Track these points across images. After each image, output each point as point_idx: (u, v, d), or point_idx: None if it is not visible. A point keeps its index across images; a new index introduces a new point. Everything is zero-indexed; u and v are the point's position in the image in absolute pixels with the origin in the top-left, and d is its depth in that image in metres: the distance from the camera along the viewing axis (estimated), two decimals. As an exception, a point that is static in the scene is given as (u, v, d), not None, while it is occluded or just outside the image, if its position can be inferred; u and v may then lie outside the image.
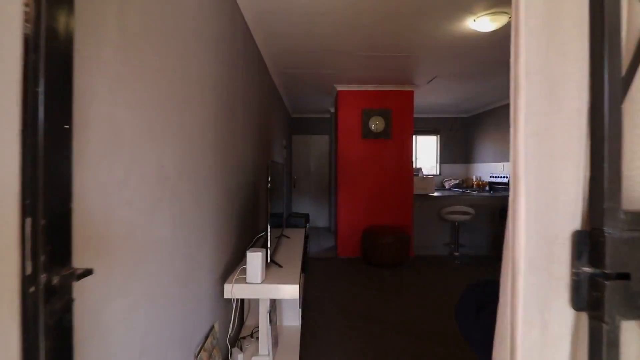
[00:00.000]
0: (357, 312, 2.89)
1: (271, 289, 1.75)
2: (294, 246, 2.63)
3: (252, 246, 2.38)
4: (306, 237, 3.71)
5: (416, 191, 4.93)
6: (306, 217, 3.80)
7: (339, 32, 2.87)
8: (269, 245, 1.96)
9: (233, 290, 1.73)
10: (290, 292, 1.75)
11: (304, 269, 3.65)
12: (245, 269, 1.78)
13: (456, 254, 4.70)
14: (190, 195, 1.40)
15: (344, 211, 4.77)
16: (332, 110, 6.40)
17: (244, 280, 1.77)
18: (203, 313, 1.59)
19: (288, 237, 2.91)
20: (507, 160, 5.63)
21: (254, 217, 2.80)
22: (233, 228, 2.11)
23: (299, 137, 7.12)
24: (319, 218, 7.17)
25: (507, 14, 2.44)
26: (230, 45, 2.05)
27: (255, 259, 1.75)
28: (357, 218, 4.78)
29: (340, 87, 4.69)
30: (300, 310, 2.47)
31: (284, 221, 4.62)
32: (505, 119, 5.72)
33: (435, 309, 2.96)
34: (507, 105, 4.76)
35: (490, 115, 6.25)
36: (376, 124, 4.71)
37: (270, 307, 1.94)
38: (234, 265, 2.13)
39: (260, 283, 1.75)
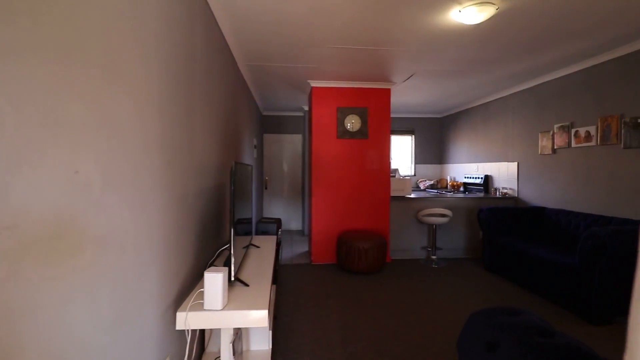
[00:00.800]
0: (334, 329, 2.64)
1: (234, 317, 1.46)
2: (263, 257, 2.33)
3: (214, 262, 2.07)
4: (278, 245, 3.42)
5: (393, 193, 4.76)
6: (278, 222, 3.51)
7: (314, 21, 2.61)
8: (233, 261, 1.67)
9: (187, 320, 1.42)
10: (257, 319, 1.46)
11: (275, 279, 3.36)
12: (203, 292, 1.48)
13: (434, 257, 4.58)
14: (125, 207, 1.09)
15: (319, 215, 4.52)
16: (306, 108, 6.13)
17: (201, 307, 1.46)
18: (147, 351, 1.28)
19: (257, 247, 2.61)
20: (482, 161, 5.61)
21: (219, 226, 2.48)
22: (190, 242, 1.79)
23: (271, 136, 6.79)
24: (292, 220, 6.88)
25: (494, 4, 2.28)
26: (187, 26, 1.73)
27: (214, 282, 1.45)
28: (332, 222, 4.54)
29: (314, 83, 4.43)
30: (271, 332, 2.18)
31: (254, 228, 4.32)
32: (480, 120, 5.69)
33: (417, 321, 2.76)
34: (482, 106, 4.70)
35: (464, 116, 6.22)
36: (352, 123, 4.49)
37: (234, 335, 1.64)
38: (192, 285, 1.81)
39: (221, 309, 1.46)
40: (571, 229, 3.62)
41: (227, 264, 1.77)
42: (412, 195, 4.91)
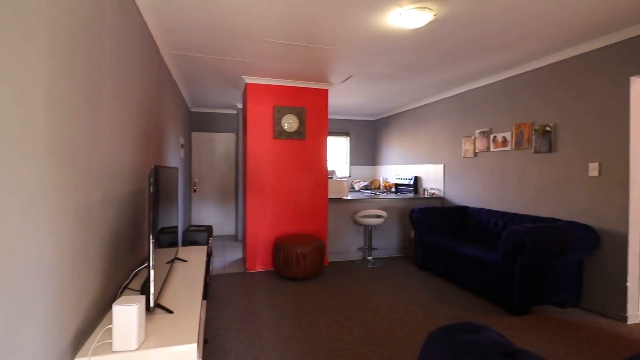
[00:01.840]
0: (272, 345, 2.44)
1: (155, 357, 1.18)
2: (192, 273, 2.04)
3: (128, 285, 1.73)
4: (209, 256, 3.11)
5: (330, 195, 4.71)
6: (209, 229, 3.18)
7: (249, 11, 2.38)
8: (152, 286, 1.38)
9: (89, 368, 1.11)
10: (184, 355, 1.21)
11: (205, 294, 3.04)
12: (111, 329, 1.18)
13: (370, 258, 4.64)
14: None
15: (254, 219, 4.25)
16: (240, 105, 5.79)
17: (110, 349, 1.16)
18: None
19: (184, 261, 2.30)
20: (412, 163, 5.88)
21: (136, 240, 2.11)
22: (94, 264, 1.45)
23: (200, 134, 6.29)
24: (225, 225, 6.46)
25: (432, 10, 2.31)
26: (89, -6, 1.39)
27: (126, 315, 1.16)
28: (268, 226, 4.31)
29: (249, 80, 4.16)
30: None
31: (180, 238, 3.89)
32: (410, 124, 5.96)
33: (358, 328, 2.70)
34: (412, 110, 4.87)
35: (396, 119, 6.47)
36: (289, 123, 4.32)
37: (154, 375, 1.35)
38: (98, 319, 1.47)
39: (137, 349, 1.17)
40: (491, 226, 3.93)
41: (145, 287, 1.47)
42: (349, 197, 4.92)
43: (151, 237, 1.40)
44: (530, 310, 3.04)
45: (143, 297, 1.25)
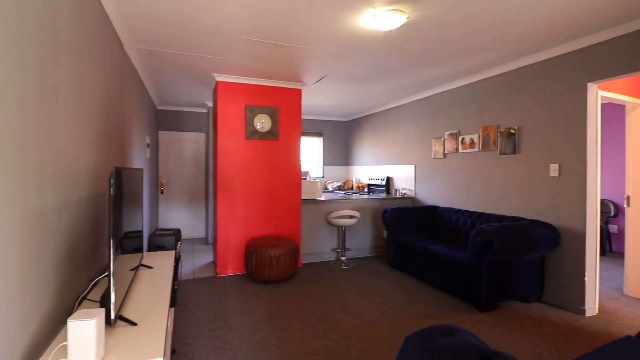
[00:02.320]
0: (244, 353, 2.36)
1: (115, 375, 1.09)
2: (158, 280, 1.93)
3: (85, 298, 1.60)
4: (177, 260, 2.97)
5: (304, 196, 4.67)
6: (177, 233, 3.04)
7: (219, 6, 2.29)
8: (112, 297, 1.28)
9: (39, 391, 1.00)
10: (148, 372, 1.13)
11: (173, 301, 2.91)
12: (66, 346, 1.07)
13: (343, 258, 4.64)
14: None
15: (225, 221, 4.13)
16: (210, 104, 5.62)
17: (63, 368, 1.06)
18: None
19: (150, 267, 2.17)
20: (384, 164, 5.95)
21: (96, 247, 1.97)
22: (46, 275, 1.32)
23: (168, 133, 6.04)
24: (194, 228, 6.24)
25: (405, 13, 2.33)
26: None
27: (83, 331, 1.06)
28: (240, 228, 4.20)
29: (220, 77, 4.03)
30: (169, 371, 1.80)
31: (146, 243, 3.70)
32: (382, 125, 6.04)
33: (332, 331, 2.68)
34: (384, 112, 4.93)
35: (368, 120, 6.54)
36: (262, 123, 4.23)
37: (115, 393, 1.25)
38: (52, 335, 1.34)
39: (95, 367, 1.08)
40: (459, 225, 4.04)
41: (105, 298, 1.37)
42: (322, 198, 4.90)
43: (111, 242, 1.30)
44: (497, 306, 3.15)
45: (102, 310, 1.15)
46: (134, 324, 1.37)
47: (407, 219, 4.37)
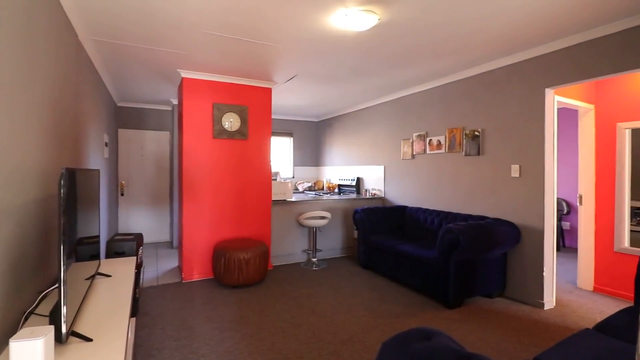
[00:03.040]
0: (213, 360, 2.26)
1: (65, 399, 0.98)
2: (117, 289, 1.79)
3: (32, 312, 1.44)
4: (139, 267, 2.80)
5: (274, 197, 4.58)
6: (138, 238, 2.86)
7: (186, -4, 2.18)
8: (63, 311, 1.15)
9: None
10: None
11: (134, 311, 2.74)
12: (6, 371, 0.95)
13: (314, 259, 4.61)
14: None
15: (191, 224, 3.96)
16: (175, 102, 5.38)
17: (2, 395, 0.94)
18: None
19: (108, 275, 2.02)
20: (355, 164, 6.00)
21: (45, 256, 1.79)
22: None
23: (129, 132, 5.72)
24: (158, 231, 5.95)
25: (377, 14, 2.33)
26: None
27: (28, 353, 0.94)
28: (207, 231, 4.05)
29: (185, 74, 3.86)
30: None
31: (103, 249, 3.46)
32: (352, 126, 6.08)
33: (304, 335, 2.63)
34: (354, 113, 4.95)
35: (339, 121, 6.56)
36: (230, 122, 4.11)
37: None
38: (-11, 354, 1.19)
39: (42, 392, 0.96)
40: (427, 224, 4.15)
41: (55, 312, 1.24)
42: (293, 199, 4.84)
43: (62, 250, 1.18)
44: (464, 303, 3.25)
45: (51, 328, 1.04)
46: (89, 339, 1.25)
47: (377, 219, 4.41)
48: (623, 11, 2.37)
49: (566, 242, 5.57)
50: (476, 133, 3.71)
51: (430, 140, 4.34)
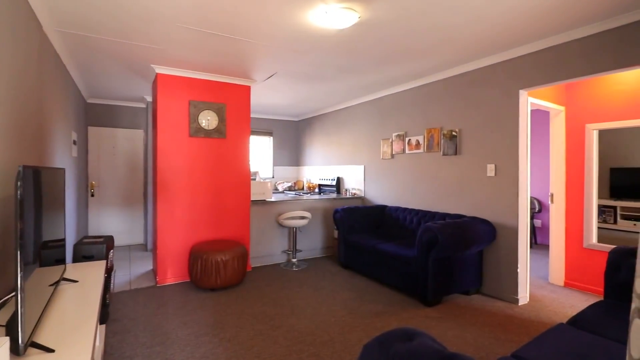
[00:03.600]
0: (189, 366, 2.18)
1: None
2: (84, 295, 1.69)
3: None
4: (109, 272, 2.67)
5: (253, 197, 4.50)
6: (108, 240, 2.72)
7: (159, -13, 2.09)
8: (20, 320, 1.06)
9: None
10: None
11: (104, 318, 2.61)
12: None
13: (294, 260, 4.56)
14: None
15: (166, 225, 3.82)
16: (149, 99, 5.20)
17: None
18: None
19: (74, 281, 1.90)
20: (335, 164, 5.99)
21: (3, 261, 1.66)
22: None
23: (99, 129, 5.47)
24: (131, 234, 5.73)
25: (357, 12, 2.32)
26: None
27: (-24, 369, 0.86)
28: (183, 233, 3.92)
29: (160, 69, 3.72)
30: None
31: (70, 253, 3.28)
32: (332, 125, 6.07)
33: (284, 337, 2.59)
34: (335, 112, 4.93)
35: (319, 121, 6.54)
36: (208, 120, 3.99)
37: None
38: None
39: (-6, 411, 0.87)
40: (407, 223, 4.18)
41: (12, 322, 1.14)
42: (273, 199, 4.77)
43: (18, 254, 1.09)
44: (442, 300, 3.30)
45: (6, 339, 0.95)
46: (50, 350, 1.16)
47: (358, 218, 4.42)
48: (593, 16, 2.46)
49: (538, 240, 5.77)
50: (454, 133, 3.77)
51: (410, 140, 4.38)
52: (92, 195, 5.40)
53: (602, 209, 3.60)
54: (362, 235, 4.21)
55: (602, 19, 2.51)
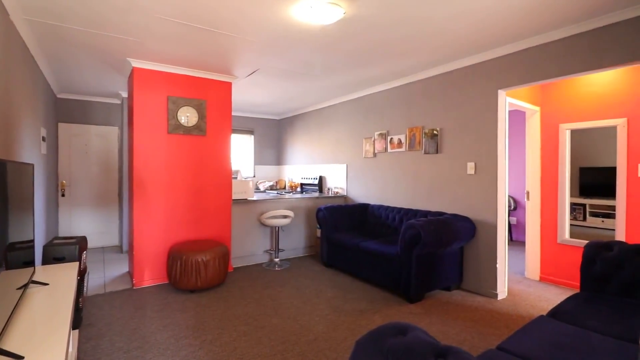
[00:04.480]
0: (169, 370, 2.09)
1: None
2: (55, 299, 1.59)
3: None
4: (82, 274, 2.54)
5: (235, 196, 4.41)
6: (81, 242, 2.58)
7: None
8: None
9: None
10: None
11: (77, 323, 2.48)
12: None
13: (276, 259, 4.51)
14: None
15: (143, 226, 3.68)
16: (125, 94, 5.00)
17: None
18: None
19: (45, 284, 1.78)
20: (317, 163, 5.97)
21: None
22: None
23: (71, 126, 5.22)
24: (106, 235, 5.50)
25: (342, 7, 2.30)
26: None
27: None
28: (160, 233, 3.79)
29: (136, 63, 3.58)
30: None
31: (39, 255, 3.10)
32: (314, 124, 6.04)
33: (268, 338, 2.54)
34: (317, 111, 4.90)
35: (301, 119, 6.49)
36: (187, 117, 3.88)
37: None
38: None
39: None
40: (389, 221, 4.22)
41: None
42: (254, 198, 4.69)
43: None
44: (425, 296, 3.34)
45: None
46: (19, 357, 1.08)
47: (340, 217, 4.41)
48: (569, 18, 2.55)
49: (513, 236, 5.97)
50: (435, 132, 3.83)
51: (392, 139, 4.42)
52: (63, 195, 5.14)
53: (572, 207, 3.75)
54: (345, 233, 4.21)
55: (573, 23, 2.61)
